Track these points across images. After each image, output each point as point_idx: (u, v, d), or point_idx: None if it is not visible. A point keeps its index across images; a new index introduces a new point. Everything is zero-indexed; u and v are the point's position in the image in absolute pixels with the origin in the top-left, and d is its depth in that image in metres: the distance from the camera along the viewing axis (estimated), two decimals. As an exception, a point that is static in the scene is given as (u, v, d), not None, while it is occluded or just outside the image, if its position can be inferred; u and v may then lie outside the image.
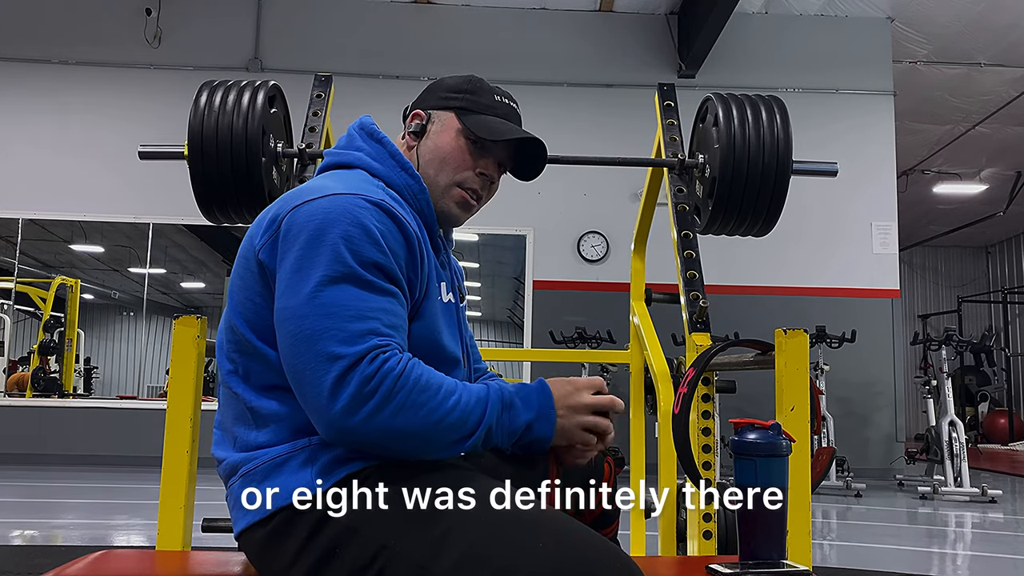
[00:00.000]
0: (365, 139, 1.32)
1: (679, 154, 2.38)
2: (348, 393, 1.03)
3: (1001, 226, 12.73)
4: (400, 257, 1.15)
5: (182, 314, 1.81)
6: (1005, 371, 13.27)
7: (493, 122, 1.32)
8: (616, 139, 7.06)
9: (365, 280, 1.10)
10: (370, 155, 1.30)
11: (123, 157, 5.95)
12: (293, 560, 1.09)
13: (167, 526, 1.71)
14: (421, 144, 1.33)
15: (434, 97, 1.36)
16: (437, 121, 1.33)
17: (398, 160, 1.30)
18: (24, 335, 8.35)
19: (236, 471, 1.17)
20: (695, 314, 2.09)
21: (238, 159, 2.06)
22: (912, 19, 7.53)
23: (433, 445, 1.08)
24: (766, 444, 1.21)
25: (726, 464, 5.43)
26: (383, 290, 1.11)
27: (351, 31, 7.64)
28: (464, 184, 1.31)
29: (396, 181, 1.28)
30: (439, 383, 1.08)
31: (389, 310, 1.11)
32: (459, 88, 1.34)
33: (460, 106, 1.32)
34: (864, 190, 7.45)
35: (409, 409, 1.05)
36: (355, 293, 1.09)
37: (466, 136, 1.31)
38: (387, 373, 1.04)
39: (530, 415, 1.12)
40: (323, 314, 1.07)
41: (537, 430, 1.13)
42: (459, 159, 1.31)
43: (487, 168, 1.33)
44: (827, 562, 3.83)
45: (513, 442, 1.13)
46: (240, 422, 1.19)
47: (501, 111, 1.34)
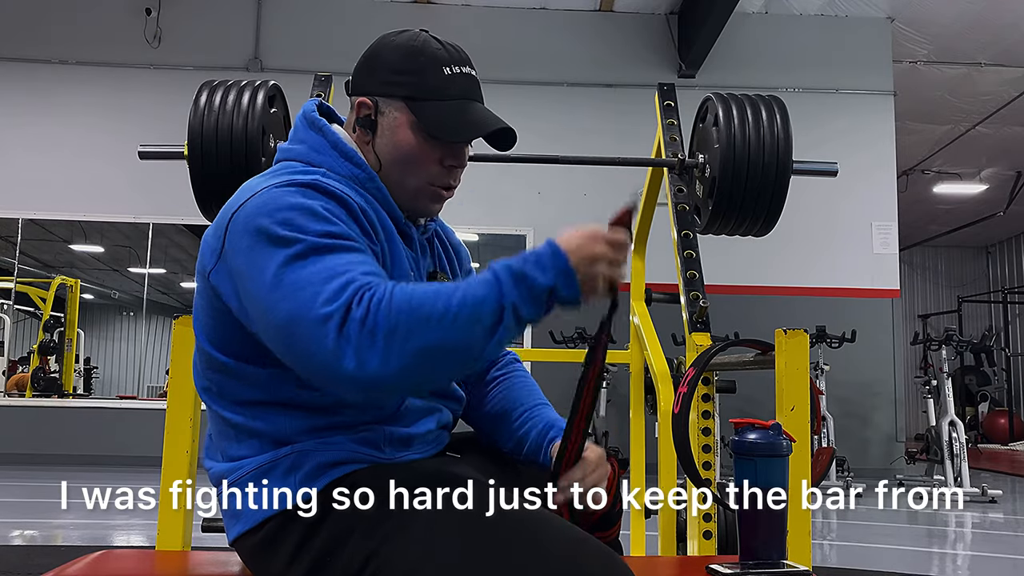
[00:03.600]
0: (306, 129, 1.22)
1: (679, 154, 2.38)
2: (352, 346, 0.95)
3: (1001, 226, 12.72)
4: (348, 224, 1.08)
5: (182, 314, 1.80)
6: (1005, 371, 13.26)
7: (450, 113, 1.18)
8: (616, 139, 7.05)
9: (321, 246, 1.02)
10: (311, 147, 1.20)
11: (123, 157, 5.94)
12: (285, 568, 1.08)
13: (167, 526, 1.71)
14: (376, 142, 1.21)
15: (376, 80, 1.21)
16: (387, 114, 1.20)
17: (340, 150, 1.20)
18: (24, 335, 8.35)
19: (221, 480, 1.16)
20: (695, 314, 2.09)
21: (238, 159, 2.06)
22: (912, 19, 7.53)
23: (465, 348, 0.97)
24: (766, 444, 1.21)
25: (726, 464, 5.43)
26: (345, 247, 1.03)
27: (351, 31, 7.64)
28: (435, 181, 1.22)
29: (339, 171, 1.18)
30: (434, 289, 0.98)
31: (357, 260, 1.02)
32: (401, 68, 1.19)
33: (408, 94, 1.18)
34: (864, 190, 7.45)
35: (418, 326, 0.95)
36: (315, 260, 1.00)
37: (422, 131, 1.18)
38: (379, 305, 0.95)
39: (549, 279, 0.98)
40: (292, 292, 0.99)
41: (563, 292, 0.99)
42: (422, 158, 1.20)
43: (454, 158, 1.22)
44: (827, 562, 3.83)
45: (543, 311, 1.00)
46: (223, 437, 1.18)
47: (455, 89, 1.20)
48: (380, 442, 1.14)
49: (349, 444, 1.12)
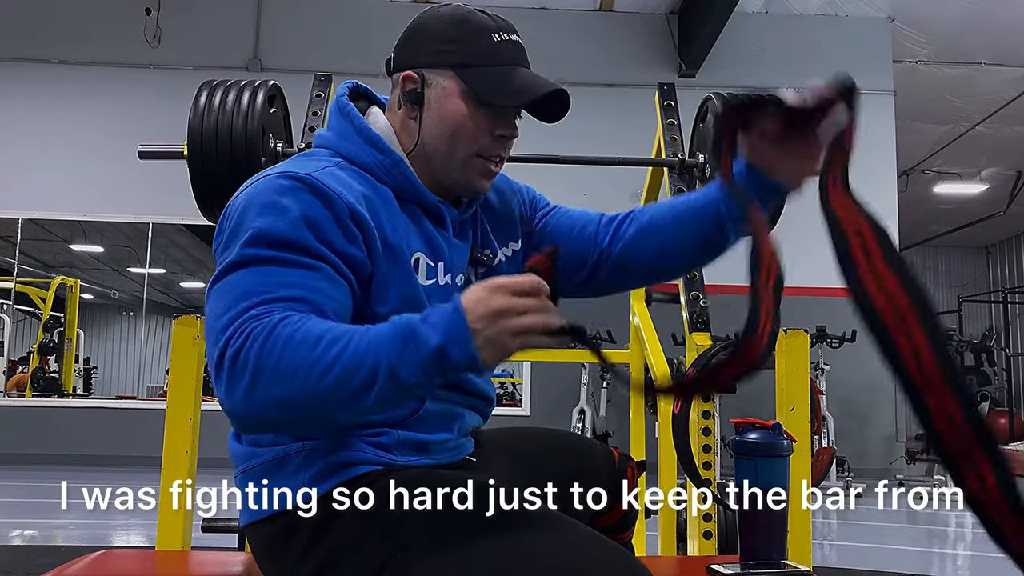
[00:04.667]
0: (336, 116, 1.20)
1: (679, 154, 2.38)
2: (224, 380, 0.92)
3: (1001, 226, 12.71)
4: (326, 231, 1.04)
5: (182, 314, 1.81)
6: (1005, 371, 13.25)
7: (500, 76, 1.14)
8: (616, 139, 7.04)
9: (266, 258, 0.99)
10: (337, 133, 1.18)
11: (123, 157, 5.94)
12: (295, 566, 1.08)
13: (167, 526, 1.71)
14: (424, 116, 1.16)
15: (422, 51, 1.17)
16: (435, 85, 1.15)
17: (365, 136, 1.16)
18: (24, 335, 8.35)
19: (238, 466, 1.16)
20: (695, 314, 2.09)
21: (238, 159, 2.06)
22: (912, 19, 7.53)
23: (328, 407, 0.91)
24: (767, 444, 1.21)
25: (726, 464, 5.43)
26: (292, 262, 1.00)
27: (351, 31, 7.64)
28: (484, 152, 1.17)
29: (363, 158, 1.15)
30: (319, 333, 0.91)
31: (290, 282, 0.99)
32: (449, 37, 1.16)
33: (457, 62, 1.14)
34: (864, 190, 7.31)
35: (284, 373, 0.90)
36: (248, 273, 0.99)
37: (472, 99, 1.14)
38: (254, 340, 0.91)
39: (438, 338, 0.89)
40: (212, 304, 0.99)
41: (454, 354, 0.89)
42: (471, 127, 1.15)
43: (506, 128, 1.17)
44: (827, 562, 3.83)
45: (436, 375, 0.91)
46: None
47: (505, 55, 1.16)
48: (393, 446, 1.12)
49: (361, 445, 1.10)
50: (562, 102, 1.20)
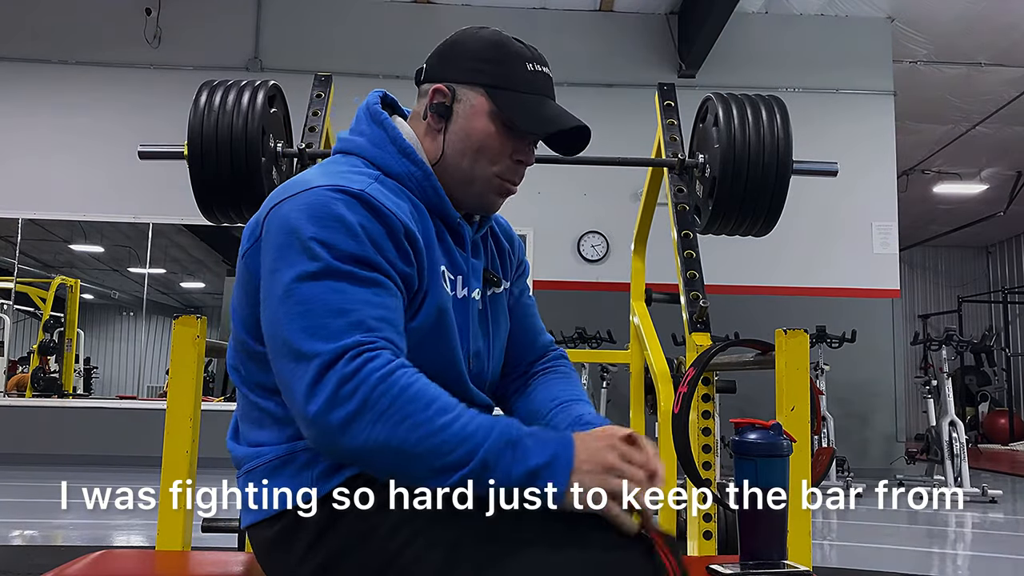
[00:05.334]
0: (368, 122, 1.21)
1: (679, 154, 2.38)
2: (325, 394, 0.94)
3: (1001, 226, 12.71)
4: (384, 249, 1.05)
5: (182, 314, 1.81)
6: (1005, 371, 13.26)
7: (530, 104, 1.17)
8: (616, 139, 7.03)
9: (343, 272, 1.01)
10: (370, 140, 1.19)
11: (123, 157, 5.94)
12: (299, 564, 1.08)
13: (167, 526, 1.71)
14: (449, 129, 1.19)
15: (456, 67, 1.20)
16: (464, 100, 1.18)
17: (399, 145, 1.18)
18: (24, 335, 8.35)
19: (241, 466, 1.17)
20: (695, 314, 2.09)
21: (238, 159, 2.06)
22: (912, 19, 7.53)
23: (415, 466, 0.95)
24: (766, 444, 1.21)
25: (726, 464, 5.43)
26: (366, 280, 1.02)
27: (351, 31, 7.64)
28: (503, 175, 1.20)
29: (396, 169, 1.17)
30: (433, 396, 0.96)
31: (374, 302, 1.01)
32: (485, 57, 1.19)
33: (489, 83, 1.17)
34: (864, 190, 7.45)
35: (391, 419, 0.93)
36: (331, 286, 1.00)
37: (500, 120, 1.17)
38: (369, 374, 0.94)
39: (541, 459, 0.94)
40: (297, 313, 0.99)
41: (546, 477, 0.94)
42: (495, 148, 1.18)
43: (523, 154, 1.21)
44: (827, 562, 3.83)
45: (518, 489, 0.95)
46: (246, 419, 1.18)
47: (536, 84, 1.19)
48: None
49: None
50: (583, 137, 1.24)
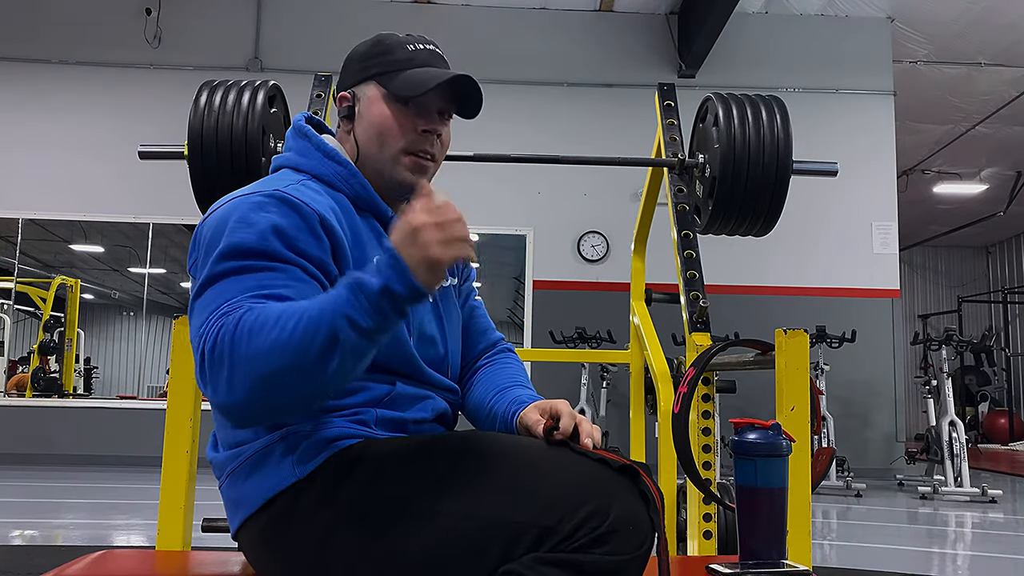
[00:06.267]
0: (294, 138, 1.31)
1: (679, 154, 2.38)
2: (207, 375, 1.00)
3: (1001, 226, 12.72)
4: (297, 239, 1.11)
5: (182, 314, 1.80)
6: (1005, 371, 13.26)
7: (415, 75, 1.25)
8: (616, 139, 7.06)
9: (236, 269, 1.07)
10: (297, 152, 1.29)
11: (123, 157, 5.94)
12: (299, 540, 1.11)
13: (167, 526, 1.71)
14: (356, 126, 1.29)
15: (351, 73, 1.31)
16: (362, 97, 1.29)
17: (323, 151, 1.27)
18: (24, 335, 8.35)
19: (223, 471, 1.20)
20: (695, 314, 2.09)
21: (238, 159, 2.06)
22: (912, 19, 7.53)
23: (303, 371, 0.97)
24: (766, 444, 1.21)
25: (726, 464, 5.43)
26: (260, 269, 1.08)
27: (351, 31, 7.60)
28: (410, 149, 1.27)
29: (324, 172, 1.26)
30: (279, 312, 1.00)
31: (256, 285, 1.06)
32: (369, 54, 1.30)
33: (377, 72, 1.27)
34: (864, 190, 7.45)
35: (255, 352, 0.97)
36: (221, 286, 1.06)
37: (393, 100, 1.26)
38: (224, 335, 0.99)
39: (380, 278, 0.98)
40: (196, 313, 1.07)
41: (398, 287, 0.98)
42: (395, 126, 1.26)
43: (428, 123, 1.27)
44: (827, 562, 3.83)
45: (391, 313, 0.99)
46: (222, 425, 1.21)
47: (420, 59, 1.28)
48: (371, 422, 1.18)
49: (341, 423, 1.16)
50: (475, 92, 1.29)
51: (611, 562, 0.99)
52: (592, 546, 0.99)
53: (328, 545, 1.08)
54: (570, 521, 0.99)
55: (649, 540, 1.03)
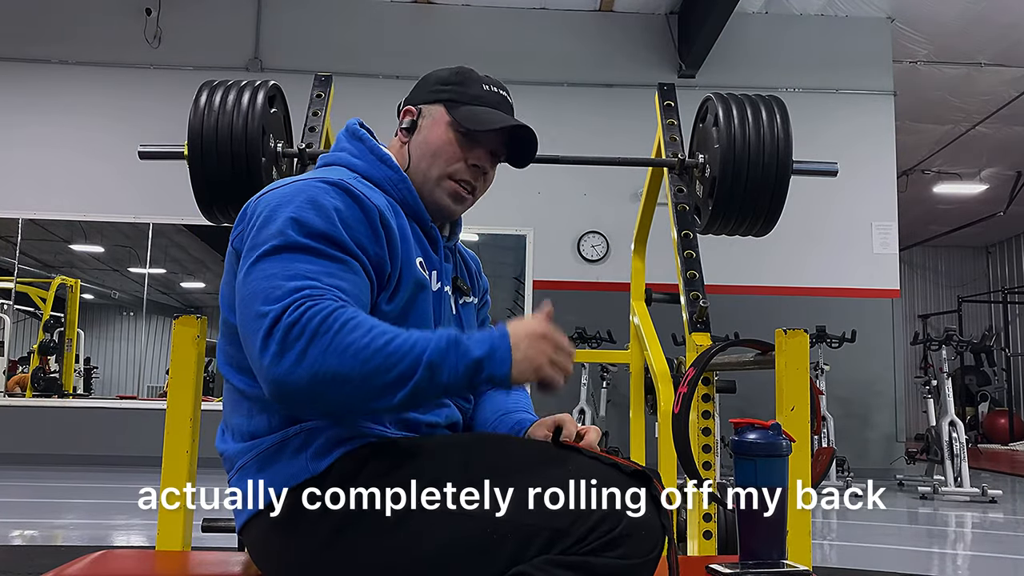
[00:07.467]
0: (348, 139, 1.36)
1: (679, 154, 2.38)
2: (275, 343, 1.00)
3: (1001, 226, 12.72)
4: (358, 231, 1.15)
5: (182, 314, 1.81)
6: (1005, 371, 13.26)
7: (481, 112, 1.32)
8: (616, 139, 7.05)
9: (308, 247, 1.09)
10: (351, 153, 1.34)
11: (123, 157, 5.94)
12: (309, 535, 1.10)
13: (167, 526, 1.71)
14: (412, 140, 1.35)
15: (424, 92, 1.37)
16: (428, 116, 1.34)
17: (377, 154, 1.33)
18: (24, 335, 8.35)
19: (234, 464, 1.19)
20: (695, 314, 2.09)
21: (238, 159, 2.06)
22: (912, 19, 7.53)
23: (368, 387, 1.01)
24: (766, 444, 1.21)
25: (726, 464, 5.42)
26: (329, 256, 1.10)
27: (351, 31, 7.64)
28: (455, 176, 1.32)
29: (375, 174, 1.30)
30: (373, 323, 1.03)
31: (333, 272, 1.09)
32: (448, 80, 1.36)
33: (449, 98, 1.34)
34: (864, 190, 7.45)
35: (336, 348, 0.99)
36: (294, 257, 1.08)
37: (455, 128, 1.32)
38: (312, 317, 1.01)
39: (482, 350, 1.03)
40: (258, 278, 1.07)
41: (490, 367, 1.03)
42: (449, 151, 1.32)
43: (478, 159, 1.33)
44: (827, 562, 3.83)
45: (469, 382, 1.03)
46: (236, 412, 1.21)
47: (490, 100, 1.35)
48: (387, 422, 1.19)
49: (357, 420, 1.16)
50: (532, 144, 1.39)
51: (623, 566, 1.00)
52: (604, 549, 0.99)
53: (339, 541, 1.09)
54: (583, 524, 1.00)
55: (660, 545, 1.04)
